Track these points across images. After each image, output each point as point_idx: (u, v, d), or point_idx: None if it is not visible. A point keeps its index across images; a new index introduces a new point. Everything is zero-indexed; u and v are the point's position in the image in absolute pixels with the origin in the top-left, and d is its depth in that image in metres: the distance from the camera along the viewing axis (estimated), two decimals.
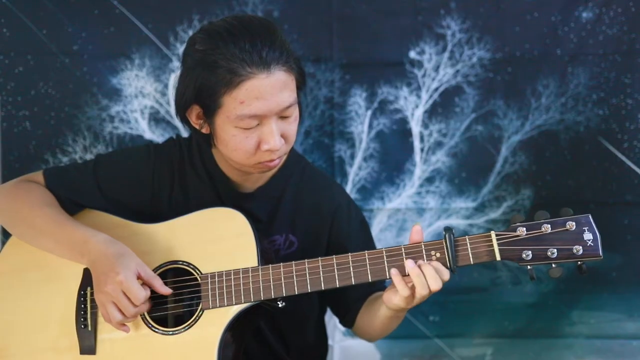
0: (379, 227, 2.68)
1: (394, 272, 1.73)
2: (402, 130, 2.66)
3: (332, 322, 2.68)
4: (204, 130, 1.86)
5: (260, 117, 1.77)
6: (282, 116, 1.80)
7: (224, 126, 1.80)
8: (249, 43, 1.74)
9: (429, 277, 1.71)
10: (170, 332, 1.82)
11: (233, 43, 1.74)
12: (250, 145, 1.80)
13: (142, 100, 2.64)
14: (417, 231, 1.77)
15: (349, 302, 2.01)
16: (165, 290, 1.80)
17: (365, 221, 2.10)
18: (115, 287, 1.75)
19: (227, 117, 1.78)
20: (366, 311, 1.98)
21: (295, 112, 1.83)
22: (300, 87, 1.85)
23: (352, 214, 2.05)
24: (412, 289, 1.73)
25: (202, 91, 1.78)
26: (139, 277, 1.77)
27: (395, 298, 1.76)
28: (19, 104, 2.61)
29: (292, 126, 1.84)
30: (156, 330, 1.83)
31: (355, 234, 2.02)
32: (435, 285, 1.71)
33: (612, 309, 2.68)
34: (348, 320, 2.05)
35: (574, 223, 1.67)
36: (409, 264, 1.72)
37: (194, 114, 1.85)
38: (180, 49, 2.61)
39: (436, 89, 2.64)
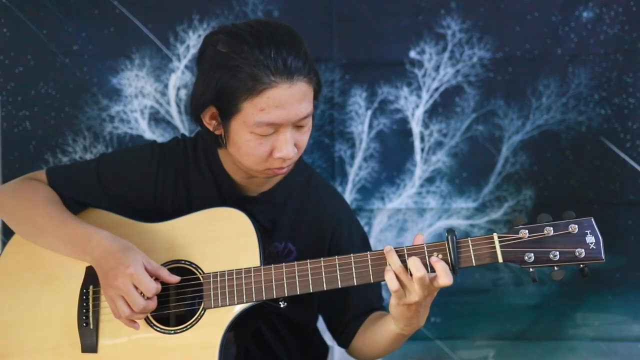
0: (379, 227, 2.67)
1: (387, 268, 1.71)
2: (403, 130, 2.66)
3: None
4: (216, 132, 1.85)
5: (277, 125, 1.77)
6: (297, 126, 1.80)
7: (239, 130, 1.79)
8: (275, 50, 1.73)
9: (413, 267, 1.67)
10: (172, 331, 1.81)
11: (259, 49, 1.73)
12: (263, 152, 1.80)
13: (142, 100, 2.64)
14: (419, 240, 1.74)
15: (347, 320, 1.99)
16: (174, 278, 1.79)
17: (366, 236, 2.08)
18: (125, 281, 1.74)
19: (245, 122, 1.77)
20: (369, 329, 1.95)
21: (309, 123, 1.84)
22: (316, 97, 1.85)
23: (354, 229, 2.03)
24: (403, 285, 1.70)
25: (222, 94, 1.77)
26: (145, 270, 1.76)
27: (392, 300, 1.74)
28: (19, 104, 2.61)
29: (304, 136, 1.84)
30: (158, 329, 1.82)
31: (356, 250, 2.00)
32: (418, 272, 1.66)
33: (617, 311, 2.67)
34: (345, 339, 2.01)
35: (576, 226, 1.66)
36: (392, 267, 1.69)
37: (209, 114, 1.84)
38: (181, 48, 2.61)
39: (436, 89, 2.64)
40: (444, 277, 1.67)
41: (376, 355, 1.98)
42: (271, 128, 1.77)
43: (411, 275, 1.68)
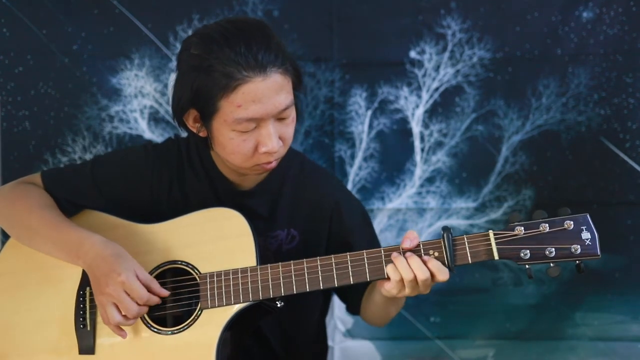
0: (379, 227, 2.67)
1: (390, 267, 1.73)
2: (403, 130, 2.66)
3: (332, 323, 2.68)
4: (201, 134, 1.86)
5: (258, 120, 1.77)
6: (279, 118, 1.81)
7: (221, 130, 1.80)
8: (244, 46, 1.74)
9: (415, 267, 1.71)
10: (169, 332, 1.82)
11: (228, 47, 1.74)
12: (248, 148, 1.80)
13: (142, 100, 2.64)
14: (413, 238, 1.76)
15: (353, 290, 2.01)
16: (163, 292, 1.80)
17: (366, 213, 2.11)
18: (116, 288, 1.75)
19: (224, 120, 1.78)
20: (367, 298, 1.99)
21: (292, 114, 1.84)
22: (297, 88, 1.85)
23: (354, 208, 2.05)
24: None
25: (199, 95, 1.78)
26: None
27: (387, 284, 1.76)
28: (19, 104, 2.61)
29: (289, 128, 1.84)
30: (155, 330, 1.83)
31: (358, 228, 2.03)
32: (422, 274, 1.70)
33: (616, 311, 2.66)
34: (354, 307, 2.06)
35: (572, 222, 1.67)
36: (394, 254, 1.72)
37: (191, 117, 1.85)
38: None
39: (436, 89, 2.64)
40: (439, 275, 1.71)
41: (381, 320, 2.04)
42: (252, 123, 1.77)
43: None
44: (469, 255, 1.71)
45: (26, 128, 2.62)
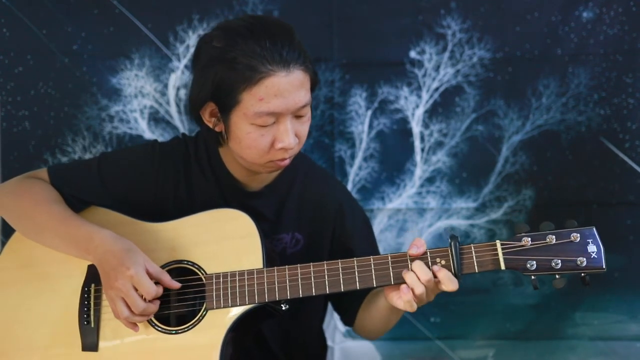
0: (379, 227, 2.67)
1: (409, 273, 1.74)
2: (403, 130, 2.66)
3: (332, 323, 2.67)
4: (217, 129, 1.86)
5: (278, 115, 1.78)
6: (297, 115, 1.82)
7: (239, 123, 1.80)
8: (269, 41, 1.75)
9: (420, 271, 1.72)
10: (174, 332, 1.82)
11: (253, 40, 1.75)
12: (265, 143, 1.80)
13: (142, 100, 2.63)
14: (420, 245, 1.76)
15: (351, 299, 2.02)
16: (174, 284, 1.79)
17: (367, 219, 2.12)
18: (125, 282, 1.74)
19: (245, 114, 1.78)
20: (366, 306, 1.99)
21: (308, 113, 1.85)
22: (313, 89, 1.86)
23: (355, 213, 2.06)
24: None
25: (221, 88, 1.78)
26: (147, 273, 1.76)
27: (399, 302, 1.75)
28: (18, 103, 2.59)
29: (304, 126, 1.85)
30: (159, 329, 1.83)
31: (359, 233, 2.03)
32: (426, 276, 1.72)
33: (615, 311, 2.67)
34: (349, 318, 2.06)
35: (578, 235, 1.69)
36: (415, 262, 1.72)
37: (208, 111, 1.85)
38: (180, 48, 2.60)
39: (437, 89, 2.64)
40: (449, 284, 1.72)
41: (378, 331, 2.03)
42: (271, 118, 1.78)
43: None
44: (475, 264, 1.72)
45: (26, 128, 2.60)
